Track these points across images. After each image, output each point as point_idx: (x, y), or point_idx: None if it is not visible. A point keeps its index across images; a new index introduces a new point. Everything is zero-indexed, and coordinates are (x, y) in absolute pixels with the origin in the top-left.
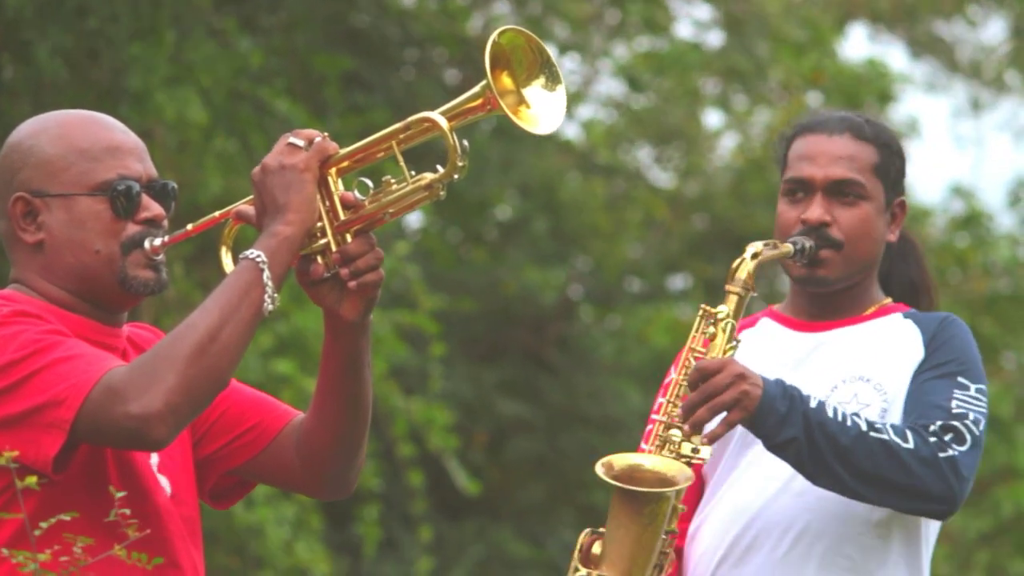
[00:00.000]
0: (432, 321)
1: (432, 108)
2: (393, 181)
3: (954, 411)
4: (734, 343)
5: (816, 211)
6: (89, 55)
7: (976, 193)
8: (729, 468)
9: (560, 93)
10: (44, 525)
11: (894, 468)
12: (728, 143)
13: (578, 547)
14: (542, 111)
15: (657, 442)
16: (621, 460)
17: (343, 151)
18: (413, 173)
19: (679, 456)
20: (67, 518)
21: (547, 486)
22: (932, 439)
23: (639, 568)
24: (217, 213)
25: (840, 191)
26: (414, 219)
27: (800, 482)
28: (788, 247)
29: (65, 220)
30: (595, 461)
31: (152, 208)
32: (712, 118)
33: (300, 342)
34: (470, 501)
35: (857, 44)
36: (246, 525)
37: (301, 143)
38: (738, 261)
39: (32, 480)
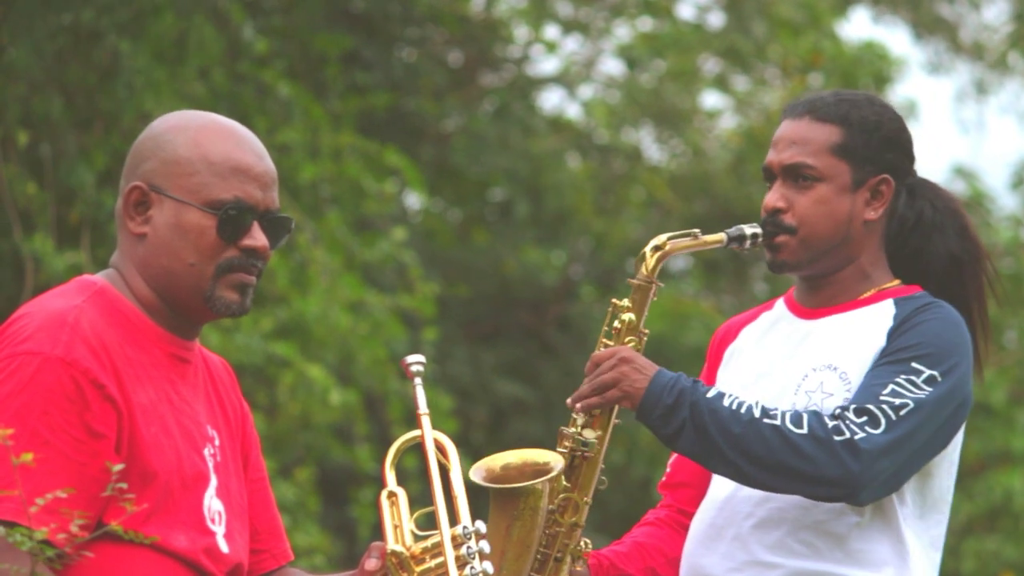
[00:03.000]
0: (430, 303)
1: (431, 88)
2: None
3: (881, 395)
4: (636, 336)
5: (770, 198)
6: (76, 47)
7: (978, 175)
8: None
9: None
10: (40, 501)
11: (786, 452)
12: (727, 123)
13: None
14: None
15: (560, 436)
16: (495, 461)
17: None
18: None
19: (574, 449)
20: (63, 495)
21: None
22: (833, 422)
23: (512, 562)
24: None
25: (795, 175)
26: (415, 200)
27: None
28: (720, 236)
29: (171, 224)
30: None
31: (258, 238)
32: (711, 98)
33: (301, 327)
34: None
35: (860, 25)
36: None
37: None
38: (640, 254)
39: (28, 456)
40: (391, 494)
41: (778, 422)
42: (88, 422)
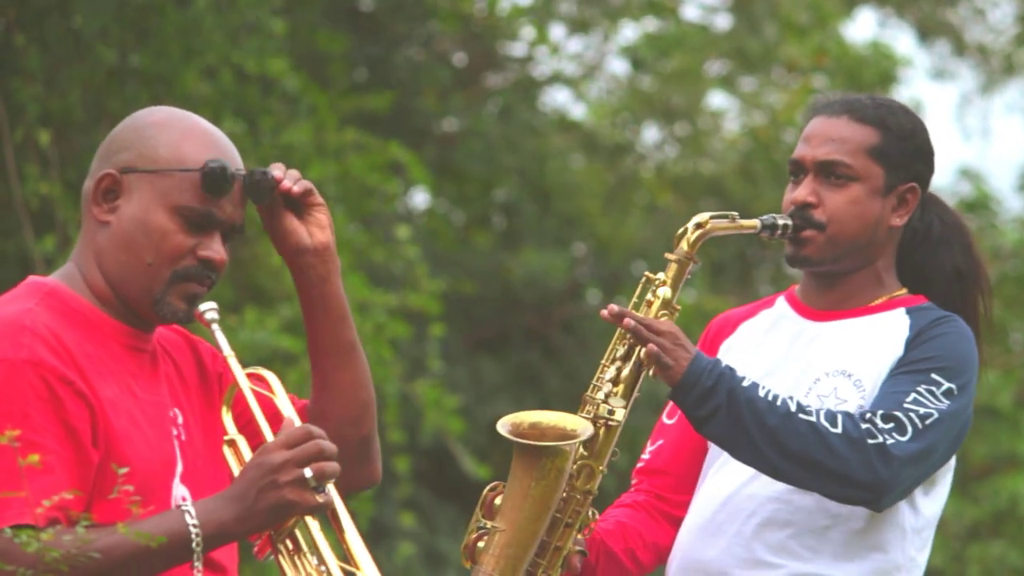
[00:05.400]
0: (435, 301)
1: (435, 88)
2: None
3: (905, 403)
4: (669, 311)
5: (801, 192)
6: (99, 35)
7: (984, 177)
8: (720, 449)
9: None
10: (47, 503)
11: (819, 449)
12: (734, 124)
13: (481, 499)
14: None
15: (583, 402)
16: (524, 417)
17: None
18: None
19: (596, 417)
20: (69, 496)
21: None
22: (865, 425)
23: (529, 521)
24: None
25: (829, 172)
26: (420, 200)
27: None
28: (754, 223)
29: (138, 219)
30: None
31: (217, 251)
32: (717, 99)
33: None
34: (473, 486)
35: (866, 28)
36: None
37: (310, 475)
38: (681, 230)
39: (35, 458)
40: (231, 441)
41: (814, 419)
42: (64, 418)
